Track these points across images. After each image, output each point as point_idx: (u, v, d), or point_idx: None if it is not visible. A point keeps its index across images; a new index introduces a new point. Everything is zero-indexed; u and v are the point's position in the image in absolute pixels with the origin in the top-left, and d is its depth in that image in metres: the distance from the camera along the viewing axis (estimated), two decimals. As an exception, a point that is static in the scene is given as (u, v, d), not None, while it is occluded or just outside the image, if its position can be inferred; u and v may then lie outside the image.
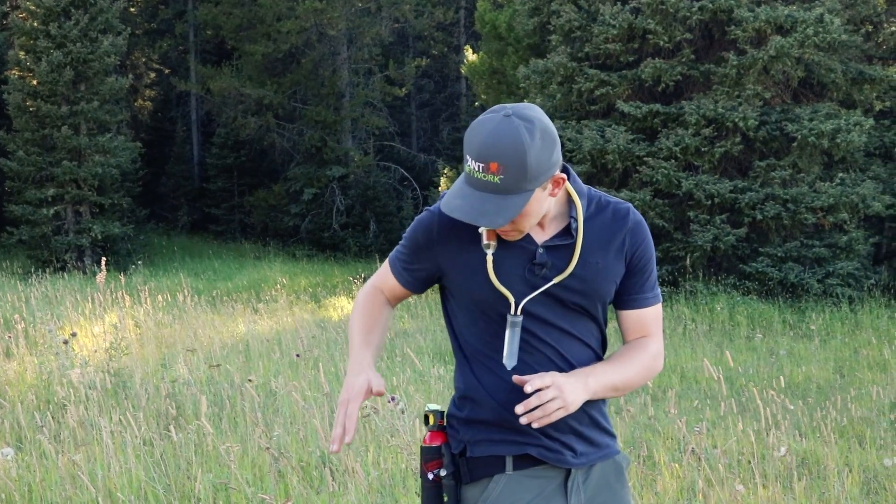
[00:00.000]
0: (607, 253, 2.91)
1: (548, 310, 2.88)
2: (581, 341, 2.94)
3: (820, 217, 20.18)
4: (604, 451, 3.01)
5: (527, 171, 2.65)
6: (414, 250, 3.03)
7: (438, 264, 2.98)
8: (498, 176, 2.65)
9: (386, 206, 37.64)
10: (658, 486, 6.30)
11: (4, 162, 29.38)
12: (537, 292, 2.85)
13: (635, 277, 2.99)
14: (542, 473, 2.93)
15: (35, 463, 6.40)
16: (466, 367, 2.99)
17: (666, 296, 19.51)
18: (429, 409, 3.05)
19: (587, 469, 2.97)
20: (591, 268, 2.88)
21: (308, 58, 37.86)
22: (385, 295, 3.19)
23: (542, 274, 2.86)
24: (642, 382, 3.05)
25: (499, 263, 2.86)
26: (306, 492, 5.94)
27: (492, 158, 2.64)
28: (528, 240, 2.87)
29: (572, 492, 2.93)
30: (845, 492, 6.14)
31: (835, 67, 20.60)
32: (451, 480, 2.94)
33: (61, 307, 14.81)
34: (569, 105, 22.46)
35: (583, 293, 2.89)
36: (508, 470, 2.92)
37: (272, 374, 10.17)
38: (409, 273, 3.08)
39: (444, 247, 2.95)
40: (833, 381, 11.96)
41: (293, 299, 20.38)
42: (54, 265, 28.07)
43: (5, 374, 9.55)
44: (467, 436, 2.96)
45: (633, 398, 9.81)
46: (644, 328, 3.05)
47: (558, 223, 2.90)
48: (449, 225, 2.93)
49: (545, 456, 2.90)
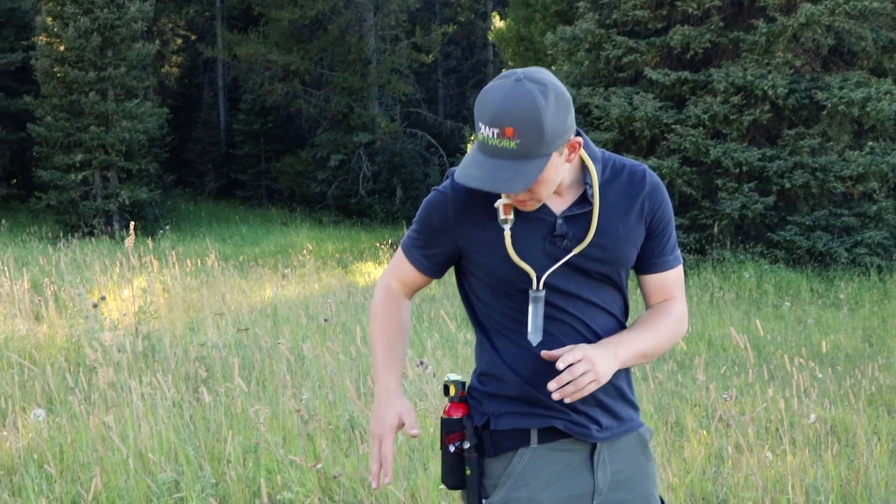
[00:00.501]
0: (627, 218, 2.85)
1: (570, 281, 2.82)
2: (605, 311, 2.89)
3: (849, 186, 20.01)
4: (628, 424, 2.96)
5: (543, 135, 2.57)
6: (430, 234, 2.95)
7: (457, 244, 2.91)
8: (514, 141, 2.57)
9: (412, 172, 37.61)
10: (686, 452, 6.30)
11: (33, 127, 29.50)
12: (559, 264, 2.79)
13: (656, 241, 2.94)
14: (567, 447, 2.88)
15: (66, 424, 6.46)
16: (487, 344, 2.94)
17: (693, 263, 19.45)
18: (449, 379, 2.99)
19: (612, 443, 2.92)
20: (612, 235, 2.82)
21: (335, 24, 37.76)
22: (403, 288, 3.10)
23: (563, 245, 2.80)
24: (669, 347, 3.01)
25: (518, 238, 2.79)
26: (335, 454, 5.96)
27: (506, 123, 2.56)
28: (547, 211, 2.80)
29: (598, 466, 2.89)
30: (874, 459, 6.12)
31: (865, 35, 20.38)
32: (474, 453, 2.90)
33: (90, 271, 14.88)
34: (596, 72, 22.35)
35: (605, 261, 2.83)
36: (533, 443, 2.87)
37: (300, 338, 10.20)
38: (427, 259, 3.00)
39: (460, 226, 2.87)
40: (861, 349, 11.90)
41: (320, 265, 20.42)
42: (82, 230, 28.23)
43: (35, 337, 9.61)
44: (491, 408, 2.91)
45: (660, 365, 9.79)
46: (667, 291, 3.01)
47: (575, 191, 2.84)
48: (463, 203, 2.86)
49: (570, 429, 2.85)
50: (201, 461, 5.85)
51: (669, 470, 5.69)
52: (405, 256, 3.05)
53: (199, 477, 5.56)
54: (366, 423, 6.52)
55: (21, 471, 5.77)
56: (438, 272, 3.04)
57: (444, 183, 2.94)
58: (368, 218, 36.13)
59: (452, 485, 2.96)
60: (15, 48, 33.06)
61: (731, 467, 5.88)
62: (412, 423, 2.89)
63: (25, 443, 6.24)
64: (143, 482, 5.46)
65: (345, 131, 37.12)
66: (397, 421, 2.91)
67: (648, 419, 7.06)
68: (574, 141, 2.70)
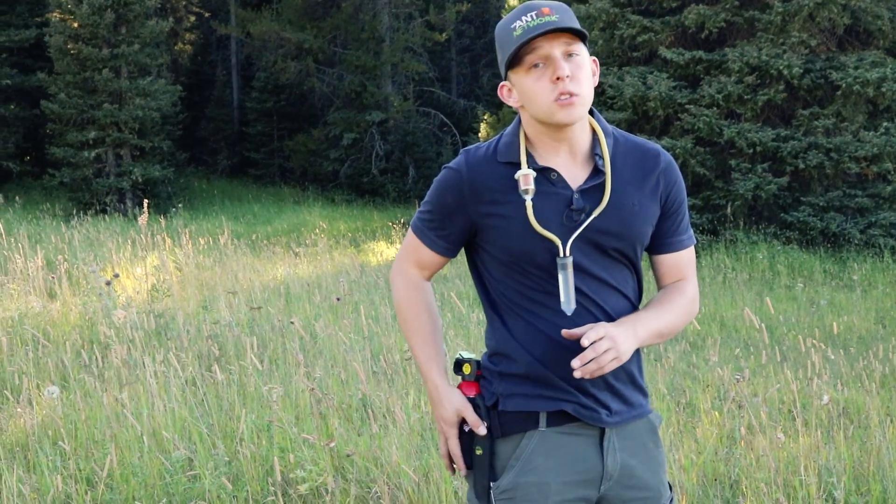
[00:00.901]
0: (642, 193, 2.87)
1: (587, 257, 2.82)
2: (619, 292, 2.89)
3: (863, 167, 19.96)
4: (638, 410, 2.94)
5: (574, 16, 2.75)
6: (444, 213, 2.94)
7: (472, 221, 2.90)
8: (554, 16, 2.71)
9: (425, 151, 37.56)
10: (698, 433, 6.30)
11: (46, 104, 29.50)
12: (580, 229, 2.78)
13: (671, 220, 2.95)
14: (576, 431, 2.86)
15: (80, 401, 6.48)
16: (498, 323, 2.93)
17: (706, 244, 19.42)
18: (462, 356, 2.98)
19: (622, 428, 2.91)
20: (628, 209, 2.83)
21: (348, 2, 37.69)
22: (421, 273, 3.08)
23: (580, 220, 2.80)
24: (683, 326, 3.02)
25: (537, 210, 2.80)
26: (347, 433, 5.98)
27: (542, 6, 2.73)
28: (564, 185, 2.81)
29: (608, 452, 2.88)
30: (887, 441, 6.11)
31: (882, 14, 20.30)
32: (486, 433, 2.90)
33: (103, 249, 14.91)
34: (610, 51, 22.29)
35: (620, 235, 2.83)
36: (542, 426, 2.86)
37: (313, 317, 10.22)
38: (443, 239, 2.99)
39: (475, 202, 2.87)
40: (875, 331, 11.89)
41: (332, 244, 20.43)
42: (95, 207, 28.26)
43: (49, 314, 9.64)
44: (500, 388, 2.90)
45: (672, 346, 9.79)
46: (681, 271, 3.02)
47: (589, 165, 2.86)
48: (479, 178, 2.87)
49: (580, 413, 2.83)
50: (214, 439, 5.88)
51: (682, 451, 5.70)
52: (419, 239, 3.04)
53: (212, 455, 5.58)
54: (378, 402, 6.54)
55: (35, 447, 5.79)
56: (454, 251, 3.03)
57: (457, 159, 2.95)
58: (381, 197, 36.12)
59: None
60: (29, 24, 33.01)
61: (743, 448, 5.88)
62: (475, 421, 2.90)
63: (40, 419, 6.27)
64: (157, 460, 5.49)
65: (357, 110, 37.07)
66: (456, 417, 2.93)
67: (661, 400, 7.06)
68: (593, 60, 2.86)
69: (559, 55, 2.73)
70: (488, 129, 31.52)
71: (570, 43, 2.75)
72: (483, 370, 2.97)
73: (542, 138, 2.86)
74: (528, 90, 2.78)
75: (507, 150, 2.88)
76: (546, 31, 2.69)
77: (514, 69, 2.81)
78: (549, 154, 2.86)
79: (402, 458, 5.36)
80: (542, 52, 2.73)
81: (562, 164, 2.85)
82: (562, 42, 2.73)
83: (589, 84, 2.79)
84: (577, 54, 2.77)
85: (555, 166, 2.84)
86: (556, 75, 2.72)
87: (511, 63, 2.79)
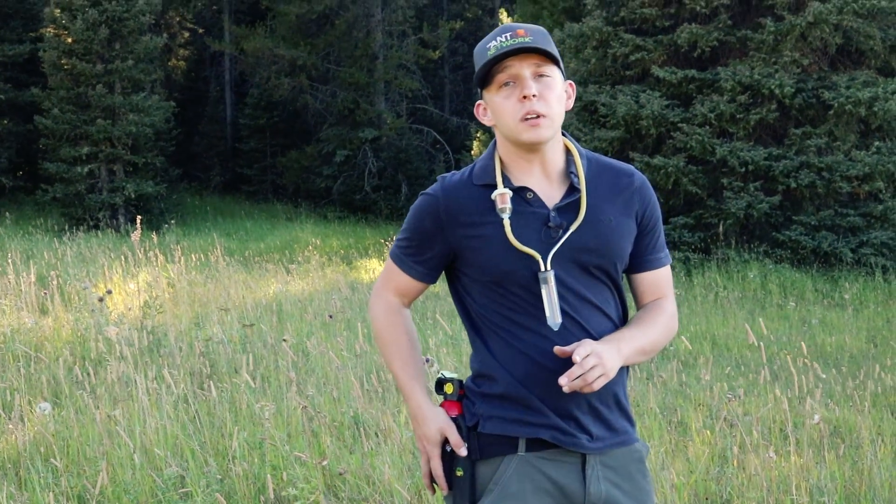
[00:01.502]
0: (617, 210, 2.90)
1: (568, 274, 2.83)
2: (602, 311, 2.90)
3: (855, 186, 19.98)
4: (622, 437, 2.92)
5: (549, 41, 2.82)
6: (422, 239, 2.96)
7: (451, 246, 2.91)
8: (528, 37, 2.78)
9: (418, 168, 37.58)
10: (690, 451, 6.31)
11: (39, 119, 29.50)
12: (559, 244, 2.80)
13: (648, 237, 2.98)
14: (557, 457, 2.85)
15: (72, 418, 6.47)
16: (480, 344, 2.93)
17: (698, 263, 19.45)
18: (444, 376, 2.98)
19: (605, 455, 2.88)
20: (604, 225, 2.86)
21: (342, 19, 37.76)
22: (401, 300, 3.09)
23: (558, 236, 2.82)
24: (665, 344, 3.04)
25: (514, 228, 2.82)
26: (340, 451, 5.98)
27: (517, 28, 2.81)
28: (540, 204, 2.85)
29: (591, 480, 2.86)
30: (878, 461, 6.13)
31: (874, 34, 20.35)
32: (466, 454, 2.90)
33: (95, 265, 14.90)
34: (603, 70, 22.34)
35: (598, 251, 2.85)
36: (521, 451, 2.85)
37: (305, 334, 10.22)
38: (421, 265, 3.00)
39: (453, 226, 2.89)
40: (866, 350, 11.91)
41: (325, 261, 20.43)
42: (88, 223, 28.22)
43: (42, 330, 9.63)
44: (481, 409, 2.90)
45: (664, 364, 9.80)
46: (660, 289, 3.04)
47: (564, 184, 2.90)
48: (454, 203, 2.90)
49: (559, 440, 2.82)
50: (207, 456, 5.87)
51: (673, 469, 5.70)
52: (398, 266, 3.05)
53: (204, 472, 5.58)
54: (370, 421, 6.54)
55: (27, 464, 5.79)
56: (432, 277, 3.04)
57: (433, 186, 2.98)
58: (373, 214, 36.12)
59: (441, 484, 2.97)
60: (23, 40, 33.02)
61: (735, 467, 5.89)
62: (457, 442, 2.89)
63: (31, 436, 6.26)
64: (148, 477, 5.49)
65: (351, 127, 37.10)
66: (439, 436, 2.92)
67: (653, 418, 7.07)
68: (569, 83, 2.92)
69: (528, 75, 2.79)
70: (481, 147, 31.62)
71: (541, 64, 2.80)
72: (466, 390, 2.98)
73: (515, 159, 2.90)
74: (498, 108, 2.85)
75: (482, 174, 2.93)
76: (515, 51, 2.75)
77: (486, 88, 2.87)
78: (523, 174, 2.90)
79: (395, 477, 5.36)
80: (511, 72, 2.80)
81: (536, 183, 2.89)
82: (532, 63, 2.79)
83: (558, 105, 2.84)
84: (548, 75, 2.82)
85: (530, 186, 2.88)
86: (523, 94, 2.78)
87: (483, 81, 2.86)
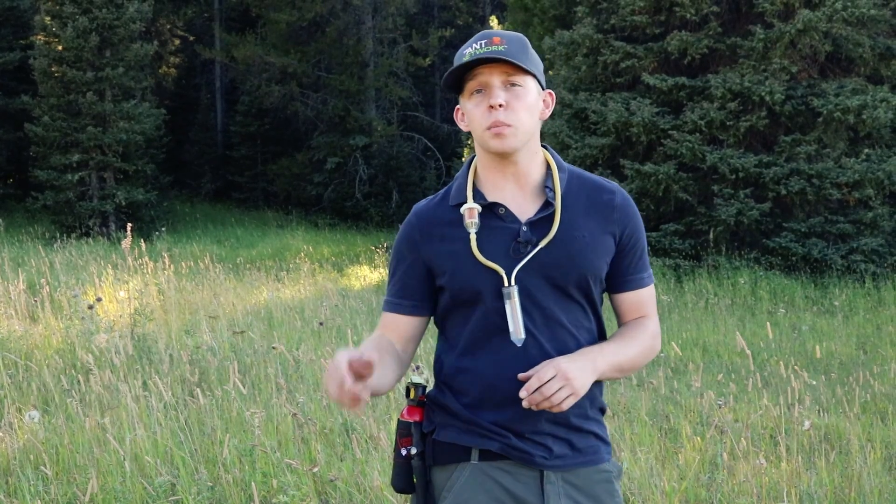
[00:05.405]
0: (593, 227, 2.83)
1: (538, 291, 2.79)
2: (567, 330, 2.82)
3: (845, 193, 20.02)
4: (588, 456, 2.86)
5: (527, 50, 2.79)
6: (405, 265, 2.93)
7: (426, 263, 2.88)
8: (502, 45, 2.74)
9: (409, 175, 37.64)
10: (680, 458, 6.32)
11: (30, 127, 29.50)
12: (525, 259, 2.75)
13: (628, 257, 2.91)
14: (512, 469, 2.81)
15: (62, 426, 6.46)
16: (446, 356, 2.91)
17: (688, 269, 19.46)
18: (411, 381, 2.96)
19: (569, 473, 2.83)
20: (578, 241, 2.80)
21: (332, 27, 37.81)
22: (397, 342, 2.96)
23: (527, 251, 2.78)
24: (644, 363, 2.98)
25: (482, 242, 2.79)
26: (330, 458, 5.98)
27: (494, 35, 2.77)
28: (512, 219, 2.81)
29: (550, 496, 2.79)
30: (868, 467, 6.14)
31: (863, 42, 20.40)
32: (419, 461, 2.88)
33: (85, 272, 14.87)
34: (594, 77, 22.36)
35: (569, 268, 2.79)
36: (474, 459, 2.82)
37: (295, 341, 10.21)
38: (407, 298, 2.94)
39: (427, 242, 2.87)
40: (856, 357, 11.92)
41: (315, 268, 20.43)
42: (78, 231, 28.21)
43: (31, 338, 9.61)
44: (438, 418, 2.89)
45: (654, 371, 9.81)
46: (641, 309, 2.97)
47: (539, 198, 2.86)
48: (426, 222, 2.89)
49: (509, 453, 2.79)
50: (197, 464, 5.86)
51: (664, 476, 5.71)
52: (386, 311, 2.99)
53: (195, 480, 5.57)
54: (361, 428, 6.54)
55: (17, 472, 5.77)
56: (422, 308, 2.96)
57: (408, 216, 2.98)
58: (364, 221, 36.16)
59: (400, 488, 2.94)
60: (13, 47, 33.02)
61: (725, 474, 5.89)
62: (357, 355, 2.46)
63: (21, 444, 6.25)
64: (139, 485, 5.47)
65: (341, 134, 37.15)
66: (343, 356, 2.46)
67: (643, 426, 7.08)
68: (548, 93, 2.90)
69: (497, 84, 2.76)
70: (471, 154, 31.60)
71: (512, 74, 2.77)
72: (427, 398, 2.95)
73: (490, 169, 2.89)
74: (469, 115, 2.84)
75: (457, 193, 2.91)
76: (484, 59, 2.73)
77: (461, 94, 2.86)
78: (496, 189, 2.87)
79: (385, 484, 5.35)
80: (481, 79, 2.78)
81: (510, 197, 2.86)
82: (502, 71, 2.76)
83: (527, 115, 2.79)
84: (519, 85, 2.78)
85: (503, 201, 2.85)
86: (490, 103, 2.76)
87: (454, 87, 2.85)
